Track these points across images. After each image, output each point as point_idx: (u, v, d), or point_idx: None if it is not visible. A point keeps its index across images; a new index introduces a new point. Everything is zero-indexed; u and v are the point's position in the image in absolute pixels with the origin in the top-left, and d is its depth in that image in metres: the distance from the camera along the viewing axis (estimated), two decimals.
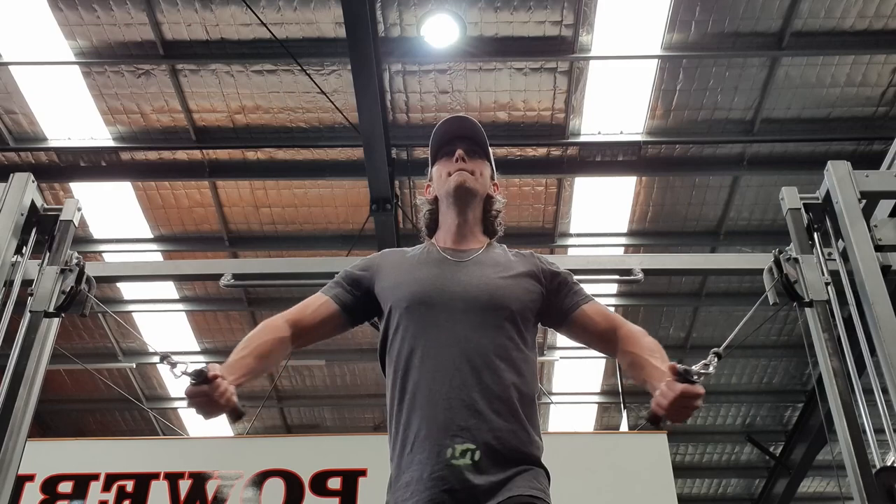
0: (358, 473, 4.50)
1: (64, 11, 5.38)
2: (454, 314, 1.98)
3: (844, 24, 5.47)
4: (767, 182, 6.37)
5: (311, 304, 2.14)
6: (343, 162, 6.30)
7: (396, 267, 2.15)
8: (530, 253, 2.24)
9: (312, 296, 2.17)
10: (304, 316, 2.11)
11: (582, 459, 4.57)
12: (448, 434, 1.83)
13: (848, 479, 2.59)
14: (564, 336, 2.30)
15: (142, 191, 6.55)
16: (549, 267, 2.19)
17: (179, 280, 6.77)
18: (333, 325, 2.15)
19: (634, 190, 6.52)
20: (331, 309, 2.13)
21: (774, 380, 8.40)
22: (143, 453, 4.83)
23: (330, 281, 2.20)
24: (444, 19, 5.42)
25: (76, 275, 3.00)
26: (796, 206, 3.09)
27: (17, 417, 2.77)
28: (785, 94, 5.90)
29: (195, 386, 1.80)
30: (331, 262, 5.42)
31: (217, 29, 5.52)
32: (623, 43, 5.61)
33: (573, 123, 6.08)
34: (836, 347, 2.76)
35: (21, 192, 3.04)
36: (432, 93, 5.93)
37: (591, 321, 2.13)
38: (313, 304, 2.14)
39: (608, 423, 9.03)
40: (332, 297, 2.14)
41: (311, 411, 9.08)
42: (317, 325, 2.12)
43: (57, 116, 6.01)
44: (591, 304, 2.16)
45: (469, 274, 2.07)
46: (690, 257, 5.77)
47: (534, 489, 1.86)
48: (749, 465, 9.56)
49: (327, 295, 2.15)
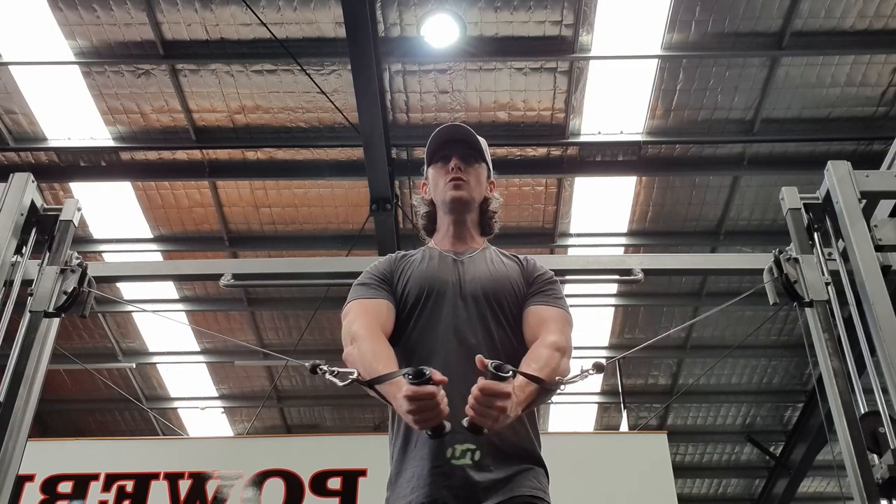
0: (358, 473, 4.51)
1: (64, 11, 5.38)
2: (455, 310, 2.04)
3: (844, 24, 5.47)
4: (767, 182, 6.37)
5: (378, 310, 2.07)
6: (343, 162, 6.30)
7: (404, 267, 2.19)
8: (524, 257, 2.26)
9: (367, 301, 2.09)
10: (384, 322, 2.04)
11: (582, 459, 4.57)
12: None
13: (848, 479, 2.59)
14: None
15: (142, 191, 6.55)
16: (537, 268, 2.20)
17: (179, 280, 6.77)
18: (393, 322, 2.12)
19: (634, 190, 6.52)
20: (392, 308, 2.09)
21: (774, 380, 8.40)
22: (143, 453, 4.84)
23: (361, 285, 2.15)
24: (444, 19, 5.42)
25: (79, 276, 3.01)
26: (796, 206, 3.09)
27: (17, 417, 2.77)
28: (785, 94, 5.89)
29: (420, 386, 1.66)
30: (331, 262, 5.43)
31: (217, 29, 5.52)
32: (623, 43, 5.61)
33: (573, 123, 6.08)
34: (836, 347, 2.76)
35: (21, 192, 3.04)
36: (432, 93, 5.93)
37: (527, 321, 2.07)
38: (382, 310, 2.07)
39: (608, 423, 9.03)
40: (387, 299, 2.10)
41: (311, 411, 9.08)
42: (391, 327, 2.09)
43: (57, 116, 6.01)
44: (544, 308, 2.08)
45: (468, 272, 2.13)
46: (690, 257, 5.77)
47: (534, 489, 1.88)
48: (749, 465, 9.56)
49: (381, 297, 2.10)
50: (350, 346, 1.95)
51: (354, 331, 1.97)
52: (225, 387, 8.69)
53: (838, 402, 2.66)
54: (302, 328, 7.11)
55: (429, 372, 1.65)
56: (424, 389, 1.64)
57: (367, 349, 1.89)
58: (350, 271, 4.16)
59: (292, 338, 7.58)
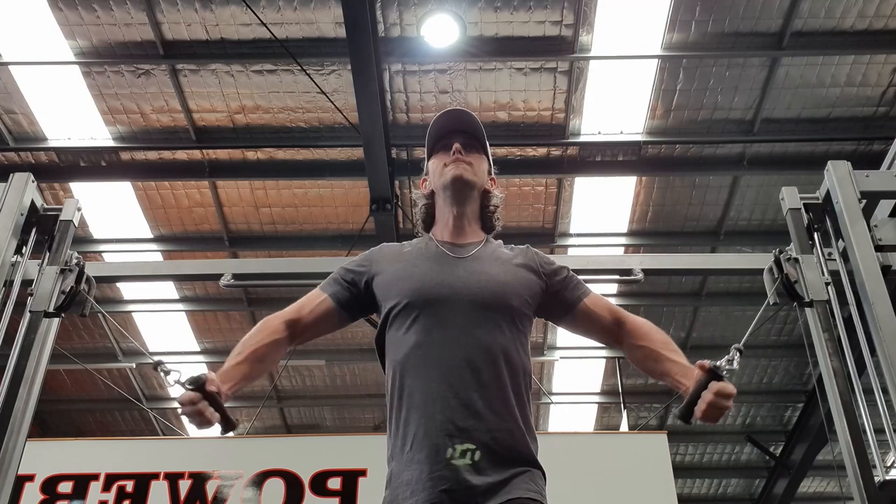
0: (358, 473, 4.50)
1: (64, 11, 5.38)
2: (454, 311, 1.98)
3: (844, 24, 5.47)
4: (767, 182, 6.37)
5: (309, 302, 2.14)
6: (343, 162, 6.30)
7: (394, 262, 2.13)
8: (526, 246, 2.23)
9: (310, 293, 2.16)
10: (301, 315, 2.12)
11: (582, 459, 4.57)
12: (446, 434, 1.83)
13: (848, 479, 2.59)
14: (564, 329, 2.29)
15: (142, 191, 6.55)
16: (548, 262, 2.19)
17: (179, 280, 6.77)
18: (331, 322, 2.15)
19: (634, 190, 6.52)
20: (328, 306, 2.12)
21: (774, 380, 8.40)
22: (143, 453, 4.83)
23: (327, 277, 2.19)
24: (444, 19, 5.42)
25: (76, 275, 3.00)
26: (796, 206, 3.08)
27: (17, 417, 2.77)
28: (785, 94, 5.90)
29: (190, 391, 1.80)
30: (331, 262, 5.40)
31: (217, 29, 5.52)
32: (623, 43, 5.61)
33: (573, 123, 6.08)
34: (836, 347, 2.75)
35: (21, 192, 3.03)
36: (432, 93, 5.93)
37: (596, 315, 2.15)
38: (311, 303, 2.13)
39: (608, 423, 9.03)
40: (329, 294, 2.13)
41: (311, 411, 9.08)
42: (314, 324, 2.13)
43: (57, 116, 6.00)
44: (592, 297, 2.18)
45: (469, 270, 2.06)
46: (690, 257, 5.76)
47: (531, 491, 1.87)
48: (749, 465, 9.56)
49: (325, 293, 2.14)
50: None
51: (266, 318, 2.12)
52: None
53: (838, 402, 2.66)
54: None
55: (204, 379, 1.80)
56: (191, 395, 1.79)
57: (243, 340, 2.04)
58: None
59: None
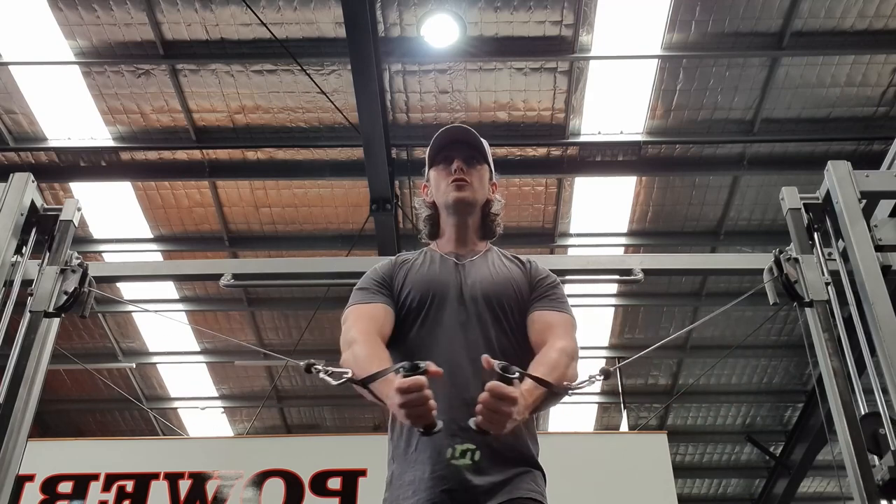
0: (358, 473, 4.51)
1: (64, 11, 5.38)
2: (456, 312, 2.04)
3: (844, 24, 5.47)
4: (767, 182, 6.37)
5: (375, 314, 2.07)
6: (343, 162, 6.30)
7: (404, 271, 2.18)
8: (527, 259, 2.26)
9: (365, 306, 2.09)
10: (381, 326, 2.05)
11: (582, 459, 4.57)
12: (448, 434, 1.83)
13: (848, 479, 2.59)
14: None
15: (142, 191, 6.55)
16: (542, 272, 2.21)
17: (179, 280, 6.76)
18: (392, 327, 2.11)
19: (634, 190, 6.52)
20: (391, 312, 2.09)
21: (774, 380, 8.40)
22: (142, 453, 4.84)
23: (360, 289, 2.15)
24: (444, 19, 5.42)
25: (80, 276, 3.00)
26: (796, 206, 3.08)
27: (17, 417, 2.77)
28: (785, 94, 5.90)
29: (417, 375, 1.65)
30: (330, 262, 5.43)
31: (217, 29, 5.52)
32: (623, 43, 5.61)
33: (573, 123, 6.08)
34: (836, 347, 2.75)
35: (21, 192, 3.03)
36: (432, 93, 5.93)
37: (533, 326, 2.07)
38: (379, 314, 2.07)
39: (608, 423, 9.03)
40: (385, 303, 2.10)
41: (311, 411, 9.08)
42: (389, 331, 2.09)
43: (57, 116, 6.00)
44: (550, 313, 2.09)
45: (470, 274, 2.13)
46: (690, 257, 5.76)
47: (532, 491, 1.89)
48: (749, 465, 9.56)
49: (380, 302, 2.10)
50: (346, 350, 1.95)
51: (352, 336, 1.98)
52: (225, 387, 8.69)
53: (838, 402, 2.66)
54: (302, 328, 7.11)
55: (424, 365, 1.64)
56: (414, 380, 1.64)
57: (361, 352, 1.90)
58: (350, 271, 4.16)
59: (292, 338, 7.58)
